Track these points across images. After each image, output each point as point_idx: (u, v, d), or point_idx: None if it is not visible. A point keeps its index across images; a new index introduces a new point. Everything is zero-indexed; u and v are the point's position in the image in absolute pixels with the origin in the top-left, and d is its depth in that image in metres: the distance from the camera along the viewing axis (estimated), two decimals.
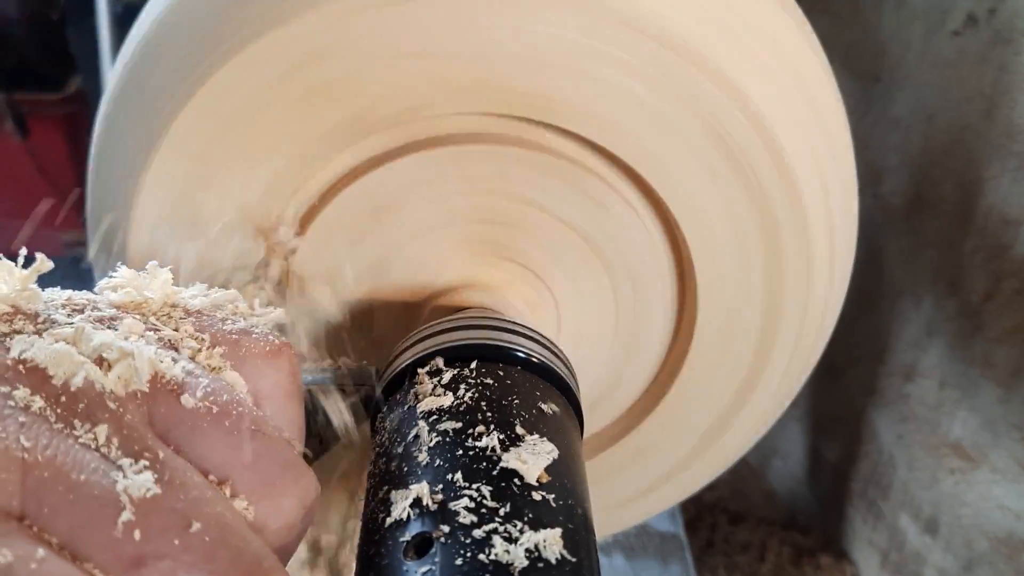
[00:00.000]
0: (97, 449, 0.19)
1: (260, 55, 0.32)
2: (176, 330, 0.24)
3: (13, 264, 0.22)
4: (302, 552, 0.73)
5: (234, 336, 0.24)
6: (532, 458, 0.25)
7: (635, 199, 0.38)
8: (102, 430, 0.19)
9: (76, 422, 0.19)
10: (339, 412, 0.33)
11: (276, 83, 0.33)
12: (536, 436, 0.26)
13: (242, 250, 0.36)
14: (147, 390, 0.21)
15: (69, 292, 0.24)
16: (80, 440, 0.19)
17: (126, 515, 0.18)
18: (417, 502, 0.24)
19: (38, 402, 0.19)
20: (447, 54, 0.32)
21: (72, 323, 0.22)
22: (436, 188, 0.37)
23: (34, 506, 0.17)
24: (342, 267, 0.38)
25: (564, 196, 0.37)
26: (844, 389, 1.07)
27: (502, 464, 0.25)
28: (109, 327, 0.22)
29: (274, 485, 0.22)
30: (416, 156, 0.36)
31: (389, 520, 0.24)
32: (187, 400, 0.21)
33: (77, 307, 0.23)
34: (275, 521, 0.22)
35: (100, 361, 0.21)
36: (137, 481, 0.18)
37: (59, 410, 0.19)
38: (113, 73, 0.38)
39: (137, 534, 0.18)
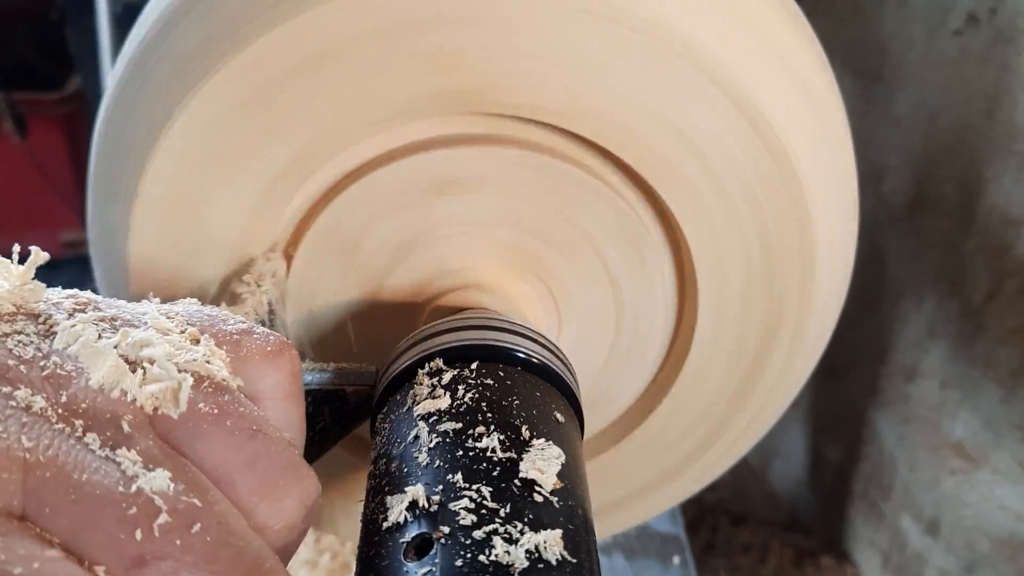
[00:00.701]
0: (98, 449, 0.19)
1: (262, 54, 0.32)
2: (182, 332, 0.24)
3: (8, 260, 0.22)
4: (303, 552, 0.73)
5: (235, 336, 0.24)
6: (545, 464, 0.25)
7: (635, 201, 0.38)
8: (105, 430, 0.19)
9: (77, 422, 0.19)
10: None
11: (279, 82, 0.33)
12: (542, 440, 0.26)
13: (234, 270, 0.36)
14: (175, 418, 0.21)
15: (70, 291, 0.24)
16: (82, 440, 0.19)
17: (128, 515, 0.18)
18: (416, 503, 0.24)
19: (39, 402, 0.19)
20: (463, 55, 0.32)
21: (73, 323, 0.21)
22: (470, 185, 0.36)
23: (35, 506, 0.17)
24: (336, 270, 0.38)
25: (569, 199, 0.37)
26: (845, 390, 1.07)
27: (521, 474, 0.24)
28: (111, 327, 0.22)
29: (275, 485, 0.22)
30: (421, 156, 0.36)
31: (389, 521, 0.24)
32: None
33: (79, 306, 0.23)
34: (276, 521, 0.22)
35: (133, 367, 0.21)
36: (139, 482, 0.18)
37: (60, 411, 0.19)
38: (114, 73, 0.38)
39: (139, 534, 0.18)
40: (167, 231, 0.36)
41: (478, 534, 0.22)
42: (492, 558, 0.22)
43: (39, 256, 0.23)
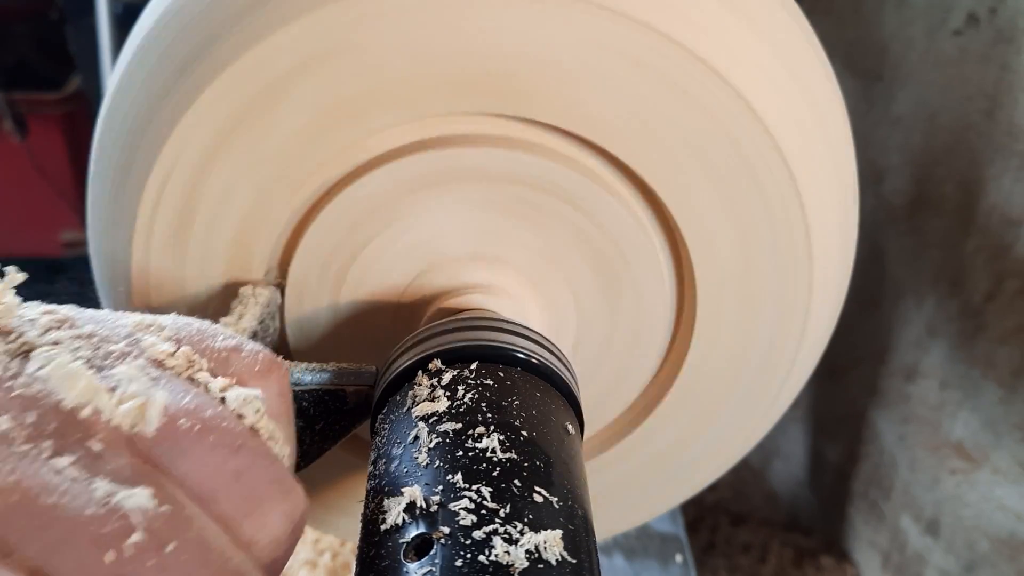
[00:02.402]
0: (68, 470, 0.18)
1: (264, 56, 0.32)
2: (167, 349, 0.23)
3: None
4: (303, 552, 0.73)
5: (223, 353, 0.24)
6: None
7: (636, 202, 0.38)
8: (74, 451, 0.19)
9: (45, 444, 0.19)
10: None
11: (281, 83, 0.33)
12: (536, 438, 0.26)
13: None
14: (151, 435, 0.20)
15: (48, 307, 0.23)
16: (50, 462, 0.18)
17: (98, 537, 0.17)
18: (416, 503, 0.24)
19: (3, 424, 0.18)
20: (452, 53, 0.32)
21: (47, 343, 0.21)
22: (440, 189, 0.36)
23: (3, 532, 0.17)
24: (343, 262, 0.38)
25: (573, 201, 0.37)
26: (845, 390, 1.07)
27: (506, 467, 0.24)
28: (88, 344, 0.22)
29: (260, 501, 0.21)
30: (421, 156, 0.36)
31: (388, 521, 0.24)
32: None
33: (55, 323, 0.22)
34: (262, 537, 0.21)
35: (108, 386, 0.21)
36: (111, 502, 0.18)
37: (27, 432, 0.19)
38: (115, 72, 0.38)
39: (110, 555, 0.17)
40: (169, 240, 0.36)
41: (478, 534, 0.22)
42: (492, 558, 0.22)
43: (14, 278, 0.22)
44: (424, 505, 0.24)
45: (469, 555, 0.22)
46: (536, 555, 0.22)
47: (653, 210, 0.38)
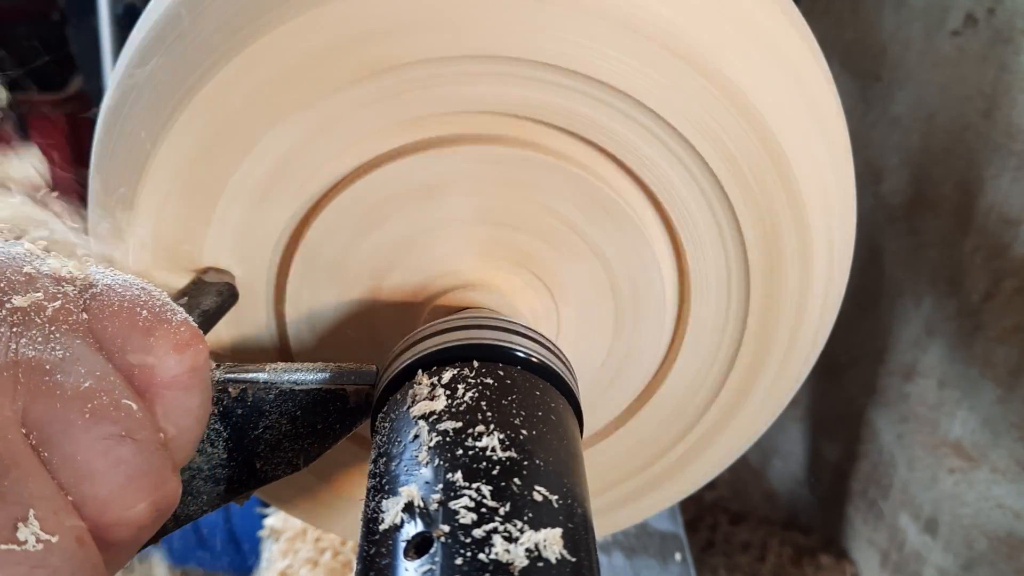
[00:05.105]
0: None
1: (265, 53, 0.32)
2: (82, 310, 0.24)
3: None
4: (304, 551, 0.73)
5: (148, 321, 0.25)
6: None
7: (638, 204, 0.38)
8: None
9: None
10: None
11: (283, 79, 0.33)
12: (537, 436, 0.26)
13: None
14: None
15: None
16: None
17: None
18: (416, 502, 0.24)
19: None
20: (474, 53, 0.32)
21: None
22: (444, 188, 0.37)
23: None
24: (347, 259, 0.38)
25: (579, 205, 0.37)
26: (844, 389, 1.07)
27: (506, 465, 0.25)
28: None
29: (131, 491, 0.23)
30: (422, 156, 0.36)
31: (389, 520, 0.24)
32: (62, 397, 0.22)
33: None
34: (128, 519, 0.23)
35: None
36: None
37: None
38: (115, 72, 0.38)
39: None
40: (166, 238, 0.36)
41: (478, 533, 0.22)
42: (492, 556, 0.22)
43: None
44: (424, 504, 0.24)
45: (469, 553, 0.22)
46: (536, 553, 0.22)
47: (656, 212, 0.38)
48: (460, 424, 0.27)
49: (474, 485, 0.24)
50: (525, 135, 0.36)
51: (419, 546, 0.23)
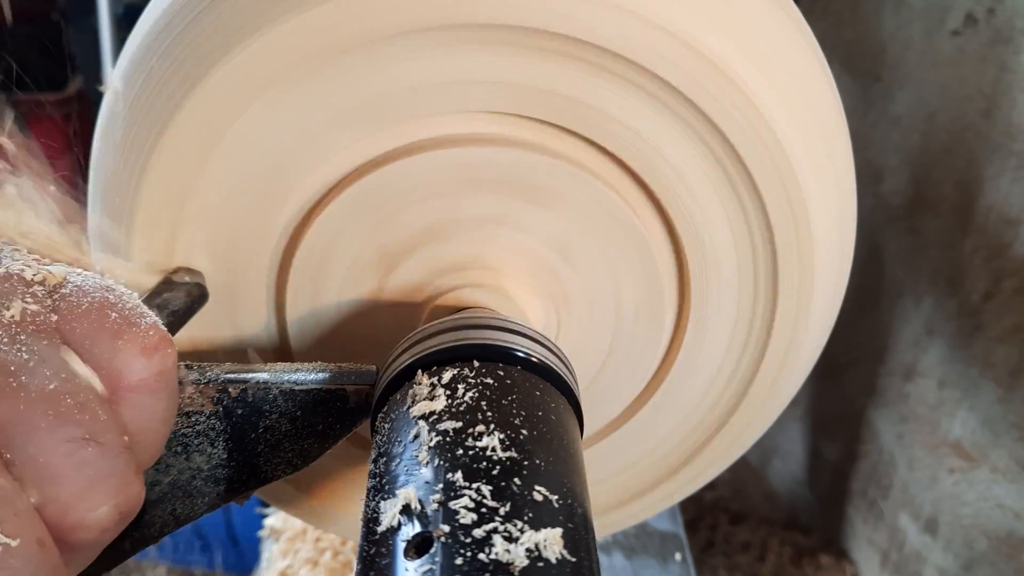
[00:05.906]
0: None
1: (266, 51, 0.32)
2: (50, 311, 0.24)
3: None
4: (304, 551, 0.73)
5: (117, 324, 0.24)
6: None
7: (640, 205, 0.38)
8: None
9: None
10: None
11: (284, 75, 0.33)
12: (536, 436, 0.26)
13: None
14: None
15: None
16: None
17: None
18: (416, 502, 0.24)
19: None
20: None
21: None
22: (445, 188, 0.37)
23: None
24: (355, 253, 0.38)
25: (580, 205, 0.37)
26: (844, 389, 1.07)
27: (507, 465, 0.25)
28: None
29: (94, 493, 0.23)
30: (422, 156, 0.36)
31: (389, 520, 0.24)
32: (26, 399, 0.22)
33: None
34: (90, 522, 0.23)
35: None
36: None
37: None
38: (116, 72, 0.38)
39: None
40: (168, 239, 0.36)
41: (478, 532, 0.22)
42: (492, 556, 0.22)
43: None
44: (424, 504, 0.24)
45: (469, 553, 0.22)
46: (536, 553, 0.22)
47: (656, 212, 0.38)
48: (460, 424, 0.27)
49: (474, 485, 0.24)
50: (534, 137, 0.36)
51: (419, 546, 0.23)
